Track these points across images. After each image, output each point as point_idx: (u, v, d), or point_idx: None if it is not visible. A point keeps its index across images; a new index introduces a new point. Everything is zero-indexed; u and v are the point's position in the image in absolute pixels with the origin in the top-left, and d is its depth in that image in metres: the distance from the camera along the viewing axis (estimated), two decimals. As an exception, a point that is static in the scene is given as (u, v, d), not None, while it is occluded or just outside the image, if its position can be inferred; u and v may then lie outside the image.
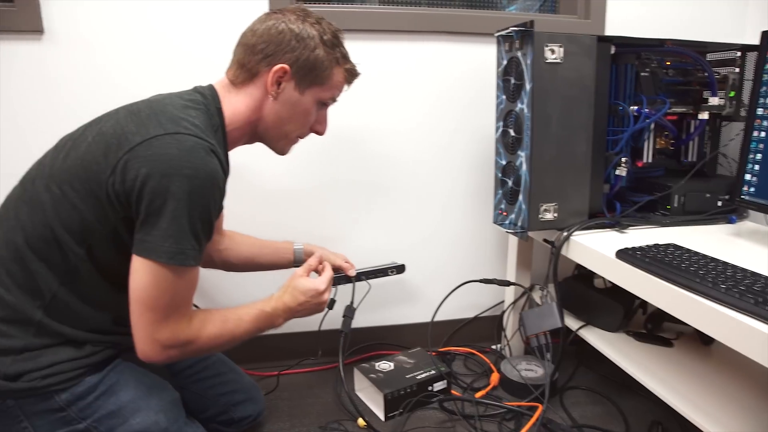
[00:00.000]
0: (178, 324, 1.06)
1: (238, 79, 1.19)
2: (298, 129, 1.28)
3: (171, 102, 1.09)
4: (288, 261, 1.59)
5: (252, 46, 1.17)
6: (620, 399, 1.65)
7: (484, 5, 1.99)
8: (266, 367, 1.83)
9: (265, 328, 1.25)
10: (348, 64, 1.27)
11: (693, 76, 1.67)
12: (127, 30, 1.61)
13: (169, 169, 0.97)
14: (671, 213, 1.59)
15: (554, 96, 1.42)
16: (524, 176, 1.47)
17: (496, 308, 2.02)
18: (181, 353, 1.09)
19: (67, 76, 1.60)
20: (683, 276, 1.10)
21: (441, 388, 1.65)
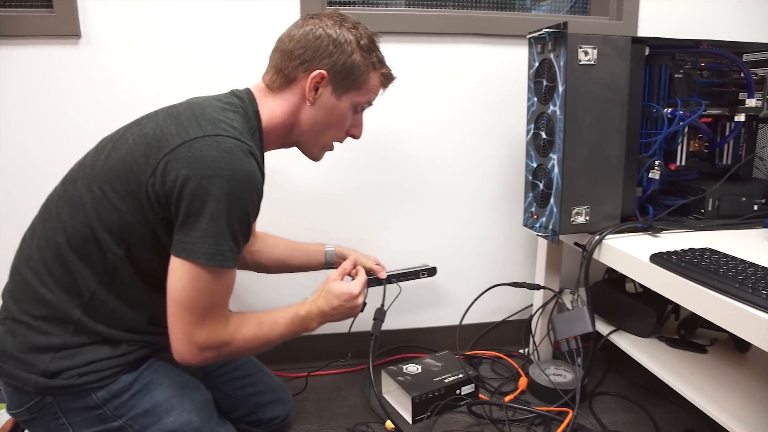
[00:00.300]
0: (214, 326, 1.07)
1: (275, 84, 1.19)
2: (335, 134, 1.28)
3: (209, 104, 1.10)
4: (319, 263, 1.60)
5: (289, 51, 1.17)
6: (651, 405, 1.62)
7: (507, 6, 1.97)
8: (295, 369, 1.83)
9: (300, 332, 1.25)
10: (384, 68, 1.27)
11: (729, 77, 1.64)
12: (162, 33, 1.63)
13: (208, 171, 0.98)
14: (705, 217, 1.56)
15: (587, 98, 1.41)
16: (556, 179, 1.45)
17: (523, 312, 2.00)
18: (216, 355, 1.09)
19: (104, 79, 1.62)
20: (721, 281, 1.08)
21: (469, 391, 1.64)
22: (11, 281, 1.12)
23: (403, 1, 1.91)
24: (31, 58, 1.58)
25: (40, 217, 1.12)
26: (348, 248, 1.62)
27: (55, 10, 1.55)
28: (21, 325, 1.06)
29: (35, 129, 1.62)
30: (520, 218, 1.73)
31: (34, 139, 1.62)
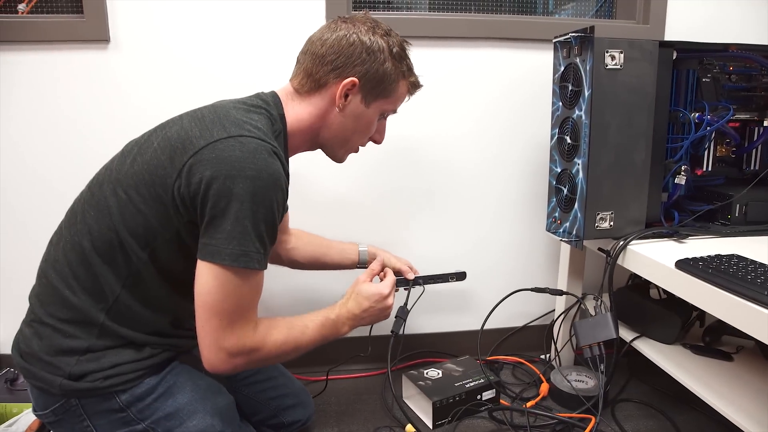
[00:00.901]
0: (243, 330, 1.05)
1: (304, 89, 1.18)
2: (359, 139, 1.27)
3: (234, 106, 1.11)
4: (353, 262, 1.61)
5: (321, 56, 1.15)
6: (675, 413, 1.60)
7: (529, 11, 1.97)
8: (315, 372, 1.83)
9: (330, 336, 1.24)
10: (413, 76, 1.26)
11: (758, 81, 1.61)
12: (189, 37, 1.65)
13: (232, 171, 0.98)
14: (732, 223, 1.54)
15: (613, 103, 1.40)
16: (580, 184, 1.44)
17: (545, 317, 1.99)
18: (246, 361, 1.08)
19: (132, 83, 1.65)
20: (749, 287, 1.06)
21: (490, 397, 1.63)
22: (38, 284, 1.13)
23: (427, 5, 1.92)
24: (61, 62, 1.61)
25: (67, 221, 1.13)
26: (380, 249, 1.62)
27: (86, 15, 1.58)
28: (47, 327, 1.07)
29: (63, 132, 1.65)
30: (543, 223, 1.72)
31: (62, 141, 1.65)
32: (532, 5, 1.97)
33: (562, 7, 2.02)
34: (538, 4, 1.99)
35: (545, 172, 1.64)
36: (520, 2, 1.95)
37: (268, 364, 1.23)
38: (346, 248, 1.61)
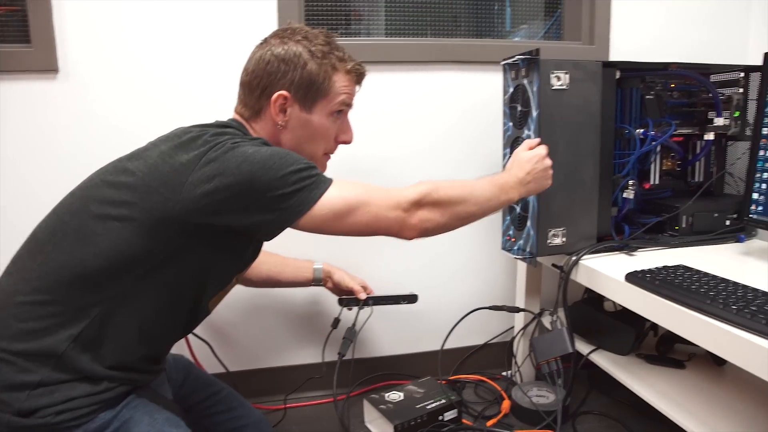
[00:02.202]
0: (397, 191, 1.11)
1: (246, 116, 1.20)
2: (321, 146, 1.25)
3: (206, 126, 1.11)
4: (307, 280, 1.61)
5: (248, 84, 1.18)
6: (634, 423, 1.63)
7: (488, 34, 2.02)
8: (273, 401, 1.81)
9: (501, 195, 1.24)
10: (347, 65, 1.22)
11: (698, 97, 1.68)
12: (141, 65, 1.64)
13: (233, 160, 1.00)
14: (680, 234, 1.59)
15: (560, 122, 1.44)
16: (532, 202, 1.47)
17: (506, 334, 2.01)
18: (429, 209, 1.12)
19: (83, 112, 1.63)
20: (694, 298, 1.10)
21: (452, 417, 1.63)
22: None
23: (383, 30, 1.95)
24: (8, 93, 1.58)
25: (28, 250, 1.09)
26: (336, 267, 1.63)
27: (33, 45, 1.56)
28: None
29: (9, 162, 1.61)
30: (499, 241, 1.74)
31: (8, 172, 1.62)
32: (489, 28, 2.03)
33: (518, 29, 2.08)
34: (495, 26, 2.05)
35: (501, 191, 1.66)
36: (478, 25, 2.01)
37: (450, 211, 1.17)
38: (301, 266, 1.61)
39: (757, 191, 1.39)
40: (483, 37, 2.02)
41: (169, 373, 1.33)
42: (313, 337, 1.85)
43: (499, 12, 2.05)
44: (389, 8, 1.95)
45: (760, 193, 1.38)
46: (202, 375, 1.44)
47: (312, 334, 1.85)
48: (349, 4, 1.88)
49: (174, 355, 1.39)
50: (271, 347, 1.85)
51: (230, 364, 1.69)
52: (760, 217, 1.39)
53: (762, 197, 1.38)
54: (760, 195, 1.38)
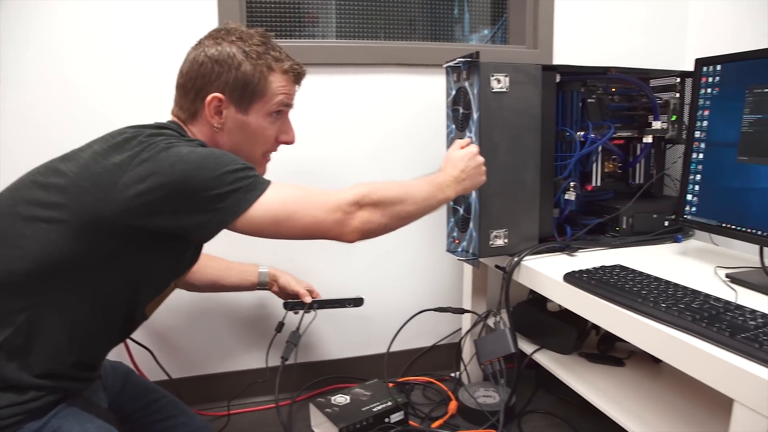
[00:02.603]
0: (334, 193, 1.10)
1: (183, 118, 1.18)
2: (260, 148, 1.24)
3: (141, 127, 1.09)
4: (252, 284, 1.59)
5: (182, 86, 1.17)
6: (578, 421, 1.66)
7: (446, 38, 2.04)
8: (217, 407, 1.78)
9: (438, 194, 1.26)
10: (284, 64, 1.20)
11: (638, 101, 1.72)
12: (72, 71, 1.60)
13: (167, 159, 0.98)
14: (620, 234, 1.63)
15: (501, 124, 1.45)
16: (474, 204, 1.48)
17: (454, 336, 2.02)
18: (369, 213, 1.11)
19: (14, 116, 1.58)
20: (626, 297, 1.12)
21: (398, 419, 1.63)
22: None
23: (335, 33, 1.95)
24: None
25: None
26: (281, 271, 1.62)
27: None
28: None
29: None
30: (446, 243, 1.75)
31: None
32: (447, 32, 2.05)
33: (475, 33, 2.10)
34: (454, 31, 2.07)
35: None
36: (435, 30, 2.03)
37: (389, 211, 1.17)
38: (245, 270, 1.60)
39: (691, 192, 1.42)
40: (440, 41, 2.03)
41: (106, 380, 1.29)
42: (258, 342, 1.82)
43: (459, 17, 2.07)
44: (340, 11, 1.94)
45: (693, 194, 1.42)
46: (141, 382, 1.40)
47: (256, 339, 1.83)
48: (294, 5, 1.87)
49: (112, 362, 1.35)
50: (214, 353, 1.82)
51: (173, 370, 1.66)
52: (694, 217, 1.42)
53: (695, 198, 1.41)
54: (694, 196, 1.42)
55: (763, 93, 1.22)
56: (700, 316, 0.99)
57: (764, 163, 1.22)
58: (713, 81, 1.35)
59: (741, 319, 0.97)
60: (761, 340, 0.88)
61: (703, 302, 1.06)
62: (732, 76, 1.30)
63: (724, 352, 0.91)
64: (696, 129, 1.40)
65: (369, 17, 1.94)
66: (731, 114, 1.29)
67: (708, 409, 1.25)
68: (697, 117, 1.39)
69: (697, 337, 0.96)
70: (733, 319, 0.98)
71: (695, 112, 1.40)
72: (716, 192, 1.35)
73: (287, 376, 1.50)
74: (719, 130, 1.33)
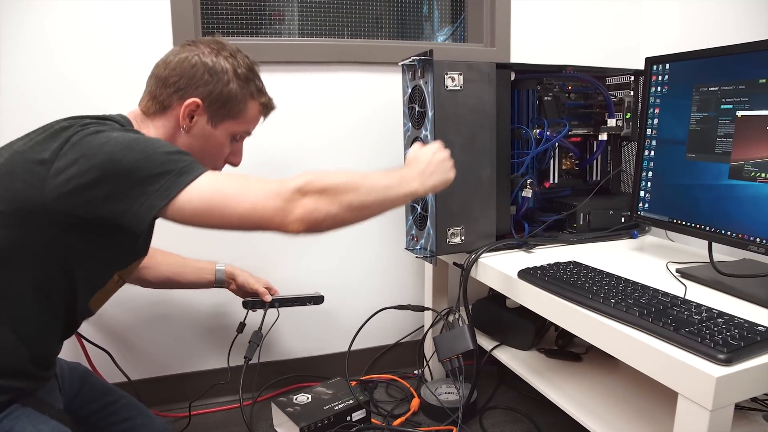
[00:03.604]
0: (275, 181, 1.00)
1: (150, 111, 1.17)
2: (211, 161, 1.24)
3: (81, 117, 1.06)
4: (209, 282, 1.57)
5: (164, 78, 1.15)
6: (539, 416, 1.67)
7: (414, 35, 2.05)
8: (178, 408, 1.77)
9: (401, 185, 1.14)
10: (263, 97, 1.25)
11: (594, 99, 1.74)
12: (37, 73, 1.57)
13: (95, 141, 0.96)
14: (578, 231, 1.65)
15: (456, 122, 1.46)
16: (431, 201, 1.49)
17: (417, 333, 2.03)
18: (314, 198, 0.99)
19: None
20: (578, 292, 1.14)
21: (360, 417, 1.63)
22: None
23: (297, 30, 1.93)
24: None
25: None
26: (239, 268, 1.60)
27: None
28: None
29: None
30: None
31: None
32: (415, 30, 2.06)
33: (441, 32, 2.11)
34: (423, 29, 2.07)
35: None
36: (403, 28, 2.03)
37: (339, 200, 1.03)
38: (202, 267, 1.57)
39: (644, 189, 1.45)
40: (409, 40, 2.04)
41: (63, 381, 1.27)
42: (219, 342, 1.81)
43: (428, 14, 2.07)
44: (303, 9, 1.94)
45: (646, 191, 1.44)
46: (99, 383, 1.38)
47: (218, 339, 1.81)
48: (251, 3, 1.86)
49: (70, 364, 1.33)
50: (175, 353, 1.81)
51: (132, 372, 1.63)
52: (647, 214, 1.45)
53: (647, 195, 1.44)
54: (646, 193, 1.44)
55: (708, 91, 1.24)
56: (647, 311, 1.01)
57: (711, 160, 1.24)
58: (663, 80, 1.37)
59: (686, 314, 0.99)
60: (704, 334, 0.90)
61: (651, 297, 1.08)
62: (680, 74, 1.33)
63: (668, 346, 0.93)
64: (647, 127, 1.42)
65: (334, 15, 1.94)
66: (680, 112, 1.32)
67: (660, 403, 1.28)
68: (648, 115, 1.42)
69: (644, 332, 0.98)
70: (679, 314, 1.00)
71: (646, 110, 1.42)
72: (667, 188, 1.38)
73: (250, 376, 1.49)
74: (669, 127, 1.36)
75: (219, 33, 1.78)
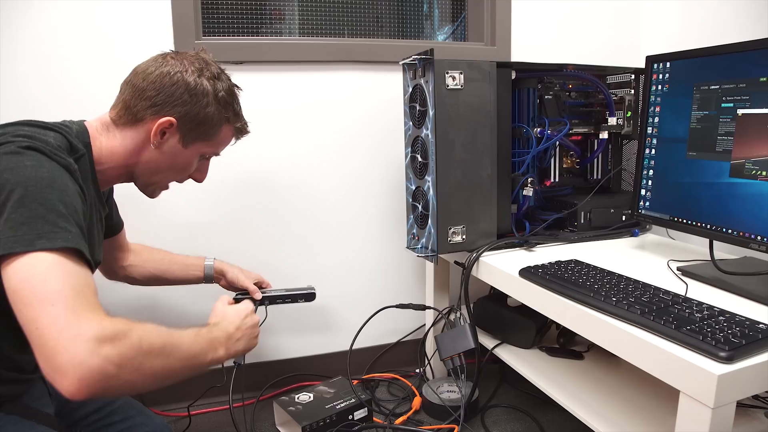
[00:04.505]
0: (95, 313, 0.84)
1: (121, 120, 1.13)
2: (175, 176, 1.23)
3: (27, 123, 1.02)
4: (197, 277, 1.54)
5: (142, 90, 1.11)
6: (540, 414, 1.68)
7: (414, 35, 2.05)
8: (177, 408, 1.77)
9: (209, 353, 1.06)
10: (239, 122, 1.24)
11: (594, 98, 1.74)
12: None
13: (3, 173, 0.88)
14: (578, 229, 1.64)
15: (457, 121, 1.46)
16: (432, 200, 1.49)
17: (418, 332, 2.03)
18: (119, 352, 0.82)
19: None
20: (579, 291, 1.14)
21: (362, 416, 1.63)
22: None
23: (297, 29, 1.93)
24: None
25: None
26: (229, 264, 1.56)
27: None
28: None
29: None
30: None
31: None
32: (416, 29, 2.06)
33: (442, 31, 2.11)
34: (423, 28, 2.07)
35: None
36: (403, 26, 2.03)
37: (147, 361, 0.89)
38: (190, 264, 1.53)
39: (645, 188, 1.45)
40: (409, 39, 2.04)
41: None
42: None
43: (428, 13, 2.07)
44: (304, 8, 1.93)
45: (647, 189, 1.44)
46: None
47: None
48: (251, 3, 1.86)
49: (63, 368, 1.32)
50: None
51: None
52: (648, 212, 1.45)
53: (648, 193, 1.44)
54: (647, 191, 1.44)
55: (709, 90, 1.24)
56: (649, 309, 1.01)
57: (711, 158, 1.24)
58: (663, 78, 1.37)
59: (688, 312, 1.00)
60: (705, 332, 0.90)
61: (652, 296, 1.08)
62: (681, 73, 1.33)
63: (670, 344, 0.93)
64: (648, 125, 1.42)
65: (334, 14, 1.94)
66: (680, 110, 1.32)
67: (662, 401, 1.28)
68: (649, 113, 1.42)
69: (645, 330, 0.98)
70: (680, 312, 1.00)
71: (647, 109, 1.42)
72: (668, 187, 1.38)
73: (246, 377, 1.48)
74: (670, 126, 1.36)
75: (219, 32, 1.80)
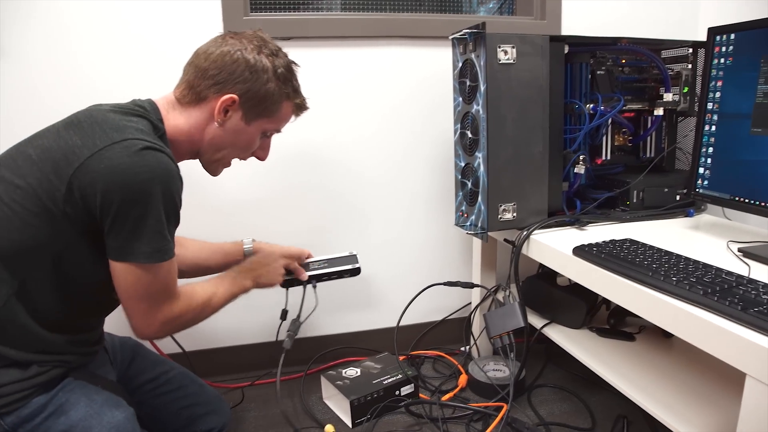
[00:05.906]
0: (169, 305, 1.12)
1: (185, 99, 1.17)
2: (238, 154, 1.27)
3: (111, 110, 1.08)
4: (238, 262, 1.52)
5: (204, 70, 1.15)
6: (587, 395, 1.66)
7: (454, 9, 2.00)
8: (231, 380, 1.81)
9: (238, 290, 1.34)
10: (298, 98, 1.26)
11: (648, 73, 1.69)
12: (77, 49, 1.60)
13: (125, 179, 0.97)
14: (631, 208, 1.61)
15: (508, 96, 1.43)
16: (482, 177, 1.47)
17: (464, 310, 2.03)
18: (174, 327, 1.16)
19: (21, 94, 1.58)
20: (636, 270, 1.11)
21: (408, 392, 1.64)
22: None
23: (339, 5, 1.92)
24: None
25: None
26: (266, 243, 1.56)
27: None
28: None
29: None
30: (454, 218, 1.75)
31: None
32: (456, 3, 2.01)
33: (482, 4, 2.07)
34: (463, 2, 2.03)
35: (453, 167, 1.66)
36: (443, 1, 1.99)
37: (192, 324, 1.24)
38: (230, 251, 1.55)
39: (703, 166, 1.41)
40: (448, 13, 2.00)
41: (114, 355, 1.31)
42: (269, 314, 1.81)
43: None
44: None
45: (706, 167, 1.40)
46: (150, 355, 1.42)
47: (267, 312, 1.82)
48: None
49: (121, 338, 1.38)
50: (227, 326, 1.84)
51: (187, 344, 1.66)
52: (706, 191, 1.41)
53: (707, 172, 1.39)
54: (706, 169, 1.40)
55: (777, 62, 1.19)
56: (712, 289, 0.98)
57: (778, 134, 1.20)
58: (726, 51, 1.32)
59: (753, 293, 0.96)
60: (773, 314, 0.88)
61: (714, 276, 1.05)
62: (746, 45, 1.27)
63: (735, 325, 0.90)
64: (708, 100, 1.38)
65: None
66: (745, 84, 1.27)
67: (719, 383, 1.25)
68: (710, 88, 1.37)
69: (708, 311, 0.95)
70: (746, 293, 0.97)
71: (707, 83, 1.37)
72: (729, 165, 1.34)
73: (294, 352, 1.50)
74: (732, 101, 1.31)
75: (264, 9, 1.80)
